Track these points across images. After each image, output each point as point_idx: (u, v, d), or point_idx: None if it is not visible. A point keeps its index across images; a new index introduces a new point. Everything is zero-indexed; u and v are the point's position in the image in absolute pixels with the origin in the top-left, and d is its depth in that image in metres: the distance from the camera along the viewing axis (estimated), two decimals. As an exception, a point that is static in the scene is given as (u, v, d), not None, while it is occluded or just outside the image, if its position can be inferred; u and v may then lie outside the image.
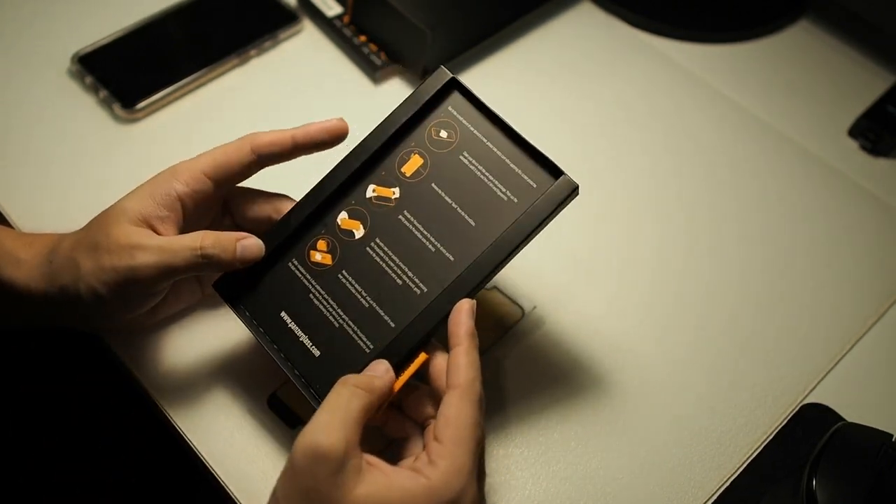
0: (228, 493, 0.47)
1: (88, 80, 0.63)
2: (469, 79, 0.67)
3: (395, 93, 0.65)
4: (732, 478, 0.49)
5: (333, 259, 0.47)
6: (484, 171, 0.47)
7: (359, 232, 0.47)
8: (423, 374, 0.44)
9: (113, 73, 0.63)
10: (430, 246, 0.46)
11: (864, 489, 0.44)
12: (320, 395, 0.44)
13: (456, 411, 0.40)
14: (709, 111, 0.67)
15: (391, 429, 0.44)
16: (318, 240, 0.47)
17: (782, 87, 0.69)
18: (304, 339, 0.46)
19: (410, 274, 0.45)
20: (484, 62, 0.68)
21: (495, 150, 0.47)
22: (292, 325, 0.46)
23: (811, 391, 0.52)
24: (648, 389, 0.52)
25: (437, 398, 0.43)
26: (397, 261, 0.46)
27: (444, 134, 0.48)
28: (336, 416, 0.38)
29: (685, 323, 0.55)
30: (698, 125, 0.66)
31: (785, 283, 0.57)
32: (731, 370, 0.53)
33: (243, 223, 0.50)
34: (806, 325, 0.55)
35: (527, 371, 0.52)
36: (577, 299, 0.55)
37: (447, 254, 0.45)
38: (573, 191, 0.45)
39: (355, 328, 0.45)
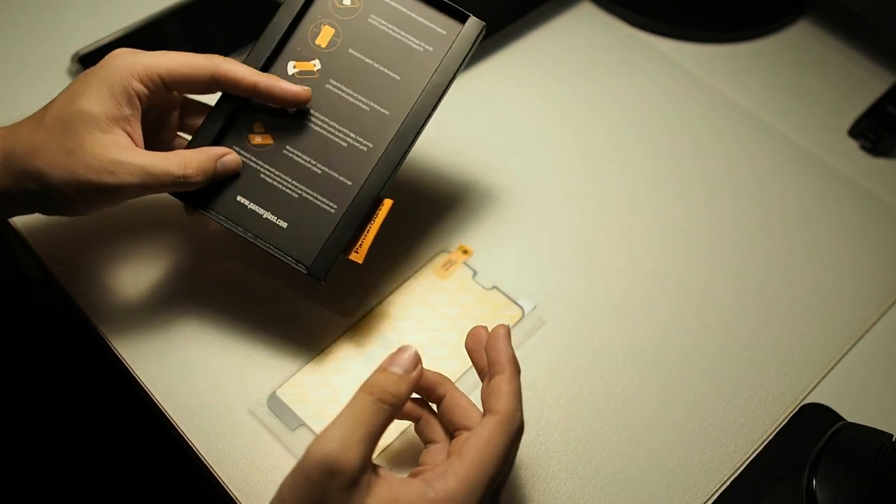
0: (229, 494, 0.47)
1: (88, 80, 0.62)
2: (469, 79, 0.67)
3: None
4: (732, 478, 0.49)
5: (274, 138, 0.49)
6: (395, 28, 0.50)
7: (291, 108, 0.50)
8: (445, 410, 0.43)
9: (113, 73, 0.63)
10: (364, 106, 0.49)
11: (864, 489, 0.44)
12: (300, 261, 0.47)
13: (489, 435, 0.38)
14: (709, 111, 0.67)
15: (422, 429, 0.44)
16: (253, 123, 0.49)
17: (782, 87, 0.69)
18: (268, 215, 0.48)
19: (353, 135, 0.49)
20: (484, 62, 0.68)
21: (400, 7, 0.50)
22: (252, 206, 0.48)
23: (811, 391, 0.52)
24: (648, 389, 0.52)
25: (467, 415, 0.42)
26: (336, 126, 0.49)
27: (346, 2, 0.50)
28: (357, 431, 0.37)
29: (685, 323, 0.55)
30: (698, 125, 0.66)
31: (785, 282, 0.57)
32: (731, 370, 0.53)
33: (185, 128, 0.51)
34: (806, 325, 0.55)
35: (527, 371, 0.52)
36: (577, 300, 0.55)
37: (382, 109, 0.49)
38: (482, 29, 0.49)
39: (315, 194, 0.48)
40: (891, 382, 0.53)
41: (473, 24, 0.49)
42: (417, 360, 0.40)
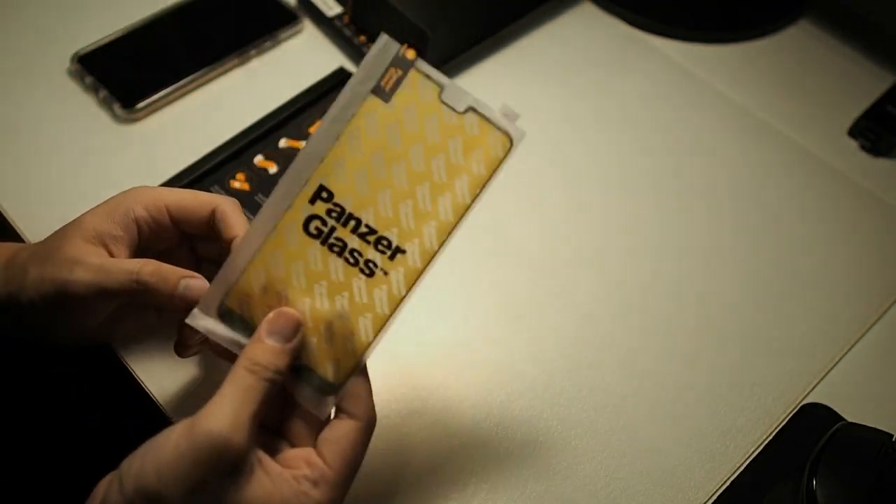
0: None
1: (88, 80, 0.62)
2: (469, 79, 0.67)
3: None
4: (732, 478, 0.49)
5: (251, 186, 0.56)
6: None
7: (272, 169, 0.58)
8: None
9: (113, 73, 0.63)
10: None
11: (864, 489, 0.44)
12: None
13: (353, 443, 0.39)
14: (709, 111, 0.67)
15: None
16: (236, 172, 0.57)
17: (782, 87, 0.69)
18: None
19: None
20: (484, 62, 0.68)
21: None
22: None
23: (811, 391, 0.52)
24: (648, 389, 0.52)
25: (360, 406, 0.40)
26: None
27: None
28: (245, 409, 0.36)
29: (685, 323, 0.55)
30: (698, 125, 0.66)
31: (785, 282, 0.57)
32: (731, 370, 0.53)
33: (202, 255, 0.49)
34: (806, 325, 0.55)
35: (528, 376, 0.52)
36: (577, 296, 0.55)
37: None
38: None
39: None
40: (891, 382, 0.53)
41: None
42: (297, 325, 0.39)
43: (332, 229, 0.39)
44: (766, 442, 0.50)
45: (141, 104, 0.61)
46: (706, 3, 0.74)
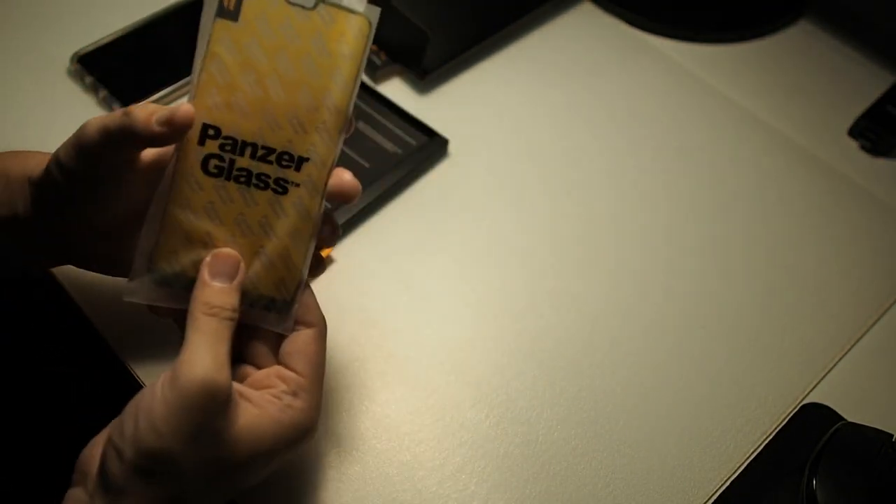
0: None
1: (88, 80, 0.63)
2: (469, 78, 0.67)
3: (395, 92, 0.65)
4: (732, 478, 0.49)
5: None
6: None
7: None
8: None
9: (113, 73, 0.63)
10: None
11: (864, 489, 0.44)
12: None
13: (316, 349, 0.41)
14: (709, 111, 0.67)
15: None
16: None
17: (782, 87, 0.69)
18: None
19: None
20: (484, 62, 0.68)
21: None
22: None
23: (811, 391, 0.52)
24: (648, 389, 0.52)
25: (311, 315, 0.42)
26: None
27: None
28: (220, 350, 0.38)
29: (685, 323, 0.55)
30: (698, 125, 0.66)
31: (785, 282, 0.57)
32: (730, 370, 0.53)
33: None
34: (806, 325, 0.55)
35: (531, 378, 0.52)
36: (577, 297, 0.55)
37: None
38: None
39: None
40: (891, 382, 0.53)
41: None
42: (237, 262, 0.40)
43: (232, 162, 0.40)
44: (766, 442, 0.50)
45: (141, 104, 0.61)
46: (706, 3, 0.74)
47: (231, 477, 0.38)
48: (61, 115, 0.62)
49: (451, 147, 0.62)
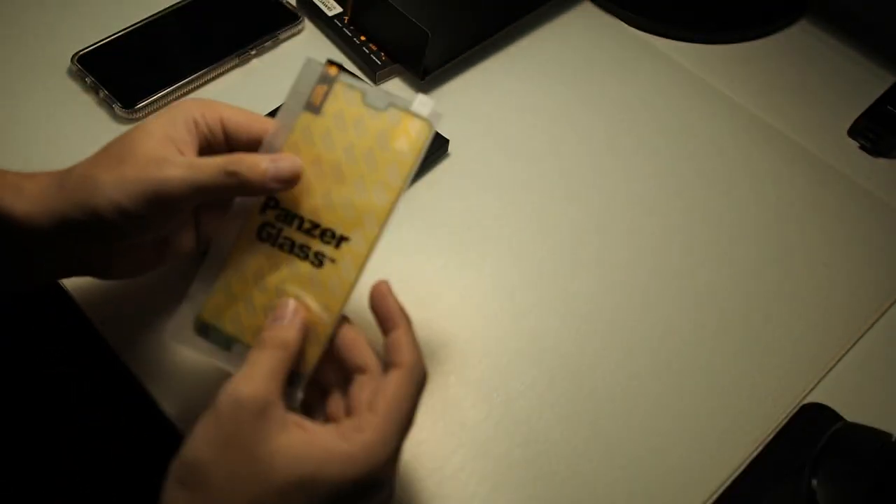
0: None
1: (88, 80, 0.63)
2: (469, 79, 0.67)
3: (395, 92, 0.65)
4: (732, 478, 0.49)
5: None
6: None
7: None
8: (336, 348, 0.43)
9: (113, 73, 0.63)
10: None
11: (864, 489, 0.44)
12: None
13: (396, 388, 0.39)
14: (709, 111, 0.67)
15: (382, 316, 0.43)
16: None
17: (782, 87, 0.69)
18: None
19: None
20: (484, 62, 0.68)
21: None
22: None
23: (811, 391, 0.52)
24: (648, 389, 0.52)
25: (365, 355, 0.41)
26: None
27: None
28: (255, 369, 0.38)
29: (685, 322, 0.55)
30: (698, 125, 0.66)
31: (784, 282, 0.57)
32: (730, 370, 0.53)
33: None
34: (806, 325, 0.55)
35: (537, 385, 0.52)
36: (577, 297, 0.55)
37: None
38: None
39: None
40: (891, 382, 0.53)
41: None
42: (296, 309, 0.42)
43: (280, 230, 0.43)
44: (766, 442, 0.50)
45: (141, 104, 0.61)
46: (706, 3, 0.74)
47: (262, 498, 0.36)
48: (61, 115, 0.62)
49: (451, 147, 0.62)
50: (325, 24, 0.68)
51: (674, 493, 0.48)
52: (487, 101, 0.66)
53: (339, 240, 0.43)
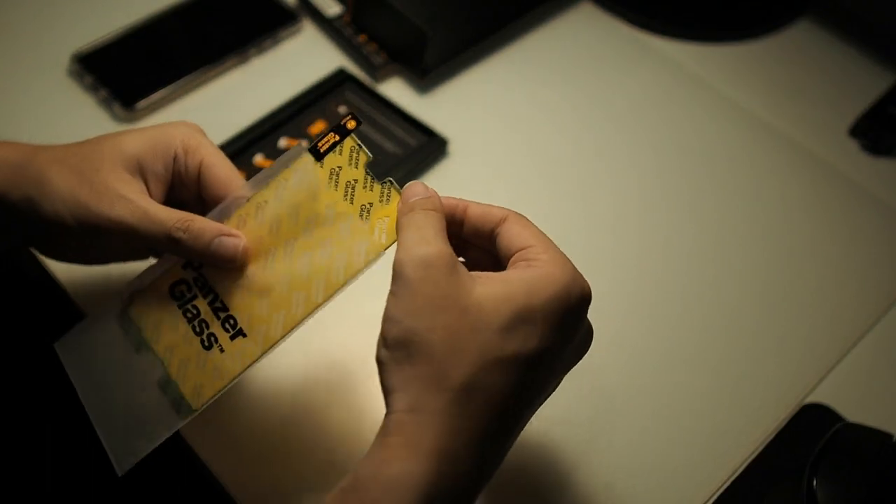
0: (228, 493, 0.47)
1: (88, 80, 0.63)
2: (468, 78, 0.67)
3: (395, 92, 0.65)
4: (732, 478, 0.49)
5: None
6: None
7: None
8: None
9: (113, 72, 0.63)
10: None
11: (865, 489, 0.44)
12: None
13: (523, 225, 0.39)
14: (709, 111, 0.67)
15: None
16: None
17: (783, 87, 0.69)
18: None
19: None
20: (484, 62, 0.68)
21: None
22: None
23: (811, 391, 0.52)
24: (649, 390, 0.52)
25: (525, 240, 0.39)
26: None
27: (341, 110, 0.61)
28: (423, 232, 0.37)
29: (686, 323, 0.55)
30: (698, 125, 0.66)
31: (785, 283, 0.57)
32: (731, 370, 0.53)
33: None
34: (806, 325, 0.55)
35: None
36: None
37: None
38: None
39: None
40: (891, 382, 0.53)
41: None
42: (426, 188, 0.40)
43: (193, 297, 0.42)
44: (766, 442, 0.50)
45: (141, 104, 0.61)
46: (706, 3, 0.74)
47: (493, 347, 0.35)
48: (61, 114, 0.62)
49: (451, 147, 0.62)
50: (325, 23, 0.68)
51: (674, 493, 0.48)
52: (487, 101, 0.66)
53: (237, 334, 0.41)
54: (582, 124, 0.65)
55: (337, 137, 0.42)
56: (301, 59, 0.67)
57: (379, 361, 0.36)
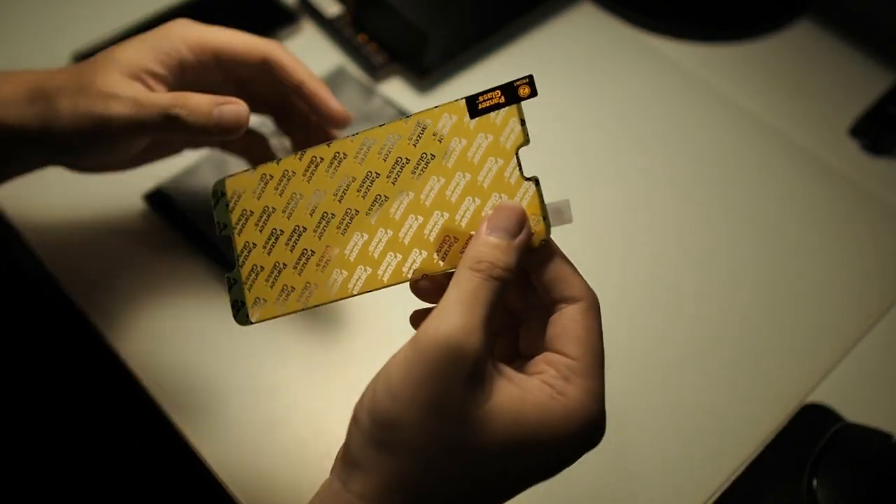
0: (227, 491, 0.47)
1: (88, 79, 0.63)
2: (468, 78, 0.67)
3: (395, 92, 0.65)
4: (732, 478, 0.49)
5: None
6: None
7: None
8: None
9: (113, 72, 0.63)
10: None
11: (865, 489, 0.44)
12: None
13: (586, 325, 0.34)
14: (709, 111, 0.67)
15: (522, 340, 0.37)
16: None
17: (783, 86, 0.69)
18: None
19: None
20: (484, 62, 0.68)
21: None
22: None
23: (811, 391, 0.52)
24: (648, 389, 0.52)
25: (573, 285, 0.35)
26: None
27: None
28: (475, 312, 0.32)
29: (686, 323, 0.55)
30: (698, 125, 0.66)
31: (785, 282, 0.57)
32: (731, 370, 0.53)
33: (259, 98, 0.49)
34: (806, 325, 0.55)
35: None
36: (576, 299, 0.55)
37: None
38: None
39: None
40: (891, 382, 0.53)
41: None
42: (523, 218, 0.34)
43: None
44: (766, 442, 0.50)
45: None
46: (706, 2, 0.74)
47: (476, 469, 0.32)
48: (61, 114, 0.62)
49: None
50: (325, 24, 0.68)
51: (674, 493, 0.48)
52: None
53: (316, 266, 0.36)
54: (582, 124, 0.65)
55: (503, 99, 0.36)
56: (301, 59, 0.67)
57: (356, 419, 0.33)
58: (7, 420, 0.67)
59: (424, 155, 0.36)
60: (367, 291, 0.36)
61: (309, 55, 0.67)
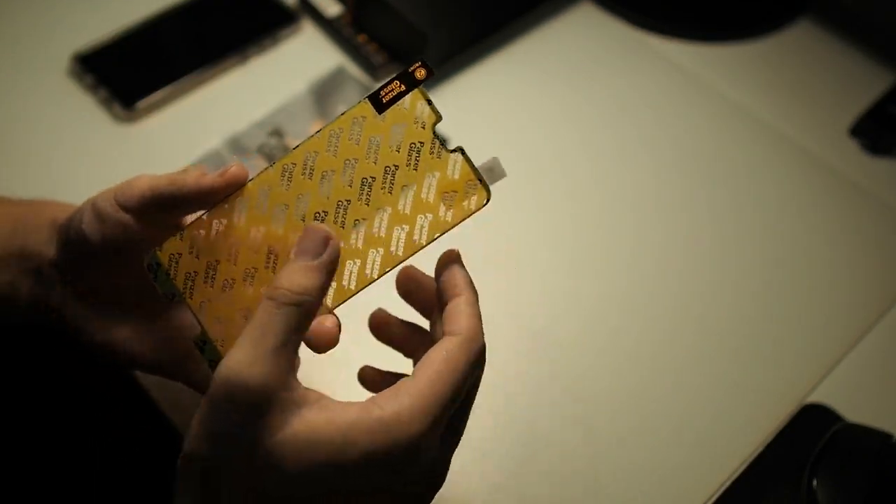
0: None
1: (88, 80, 0.63)
2: (468, 78, 0.67)
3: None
4: (733, 478, 0.49)
5: None
6: None
7: None
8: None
9: (113, 72, 0.63)
10: None
11: (865, 489, 0.44)
12: None
13: (447, 356, 0.34)
14: (709, 111, 0.67)
15: (396, 340, 0.39)
16: None
17: (782, 87, 0.69)
18: None
19: None
20: (484, 62, 0.68)
21: None
22: None
23: (811, 391, 0.52)
24: (648, 390, 0.52)
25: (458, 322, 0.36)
26: None
27: None
28: (262, 344, 0.31)
29: (686, 323, 0.55)
30: (698, 125, 0.66)
31: (785, 282, 0.57)
32: (731, 370, 0.53)
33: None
34: (806, 325, 0.55)
35: (533, 387, 0.52)
36: (577, 298, 0.55)
37: None
38: None
39: None
40: (891, 382, 0.53)
41: None
42: (326, 239, 0.34)
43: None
44: (766, 442, 0.50)
45: (141, 104, 0.61)
46: (706, 3, 0.74)
47: (285, 497, 0.32)
48: (61, 115, 0.62)
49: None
50: (325, 24, 0.68)
51: (674, 493, 0.48)
52: (486, 102, 0.66)
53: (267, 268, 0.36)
54: (581, 124, 0.65)
55: (403, 87, 0.36)
56: (301, 59, 0.67)
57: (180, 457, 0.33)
58: (7, 420, 0.67)
59: (348, 161, 0.36)
60: (386, 272, 0.36)
61: (309, 55, 0.67)
